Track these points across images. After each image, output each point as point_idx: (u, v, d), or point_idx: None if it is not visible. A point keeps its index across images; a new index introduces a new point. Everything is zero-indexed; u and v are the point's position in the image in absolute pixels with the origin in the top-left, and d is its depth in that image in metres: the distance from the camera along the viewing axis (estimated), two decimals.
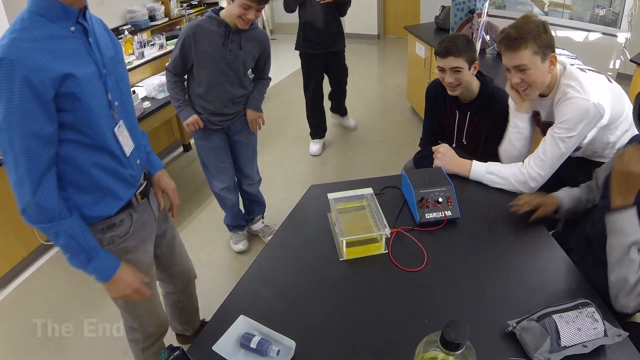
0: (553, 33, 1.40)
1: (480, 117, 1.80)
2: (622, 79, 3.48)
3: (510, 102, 1.60)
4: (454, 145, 1.94)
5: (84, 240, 1.07)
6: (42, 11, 0.96)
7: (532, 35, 1.31)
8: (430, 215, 1.33)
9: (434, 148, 1.65)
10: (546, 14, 3.72)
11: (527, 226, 1.32)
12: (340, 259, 1.23)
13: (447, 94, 1.83)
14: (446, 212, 1.33)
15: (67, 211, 1.04)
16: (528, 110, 1.55)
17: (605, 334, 0.92)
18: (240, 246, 2.47)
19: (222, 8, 1.90)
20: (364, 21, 6.28)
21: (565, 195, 1.39)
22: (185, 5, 4.73)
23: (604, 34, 3.28)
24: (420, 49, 3.48)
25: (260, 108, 2.15)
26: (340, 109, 3.72)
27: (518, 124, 1.57)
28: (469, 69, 1.66)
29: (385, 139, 3.62)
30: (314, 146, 3.44)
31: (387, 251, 1.24)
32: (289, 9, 2.99)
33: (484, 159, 1.60)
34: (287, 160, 3.39)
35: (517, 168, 1.48)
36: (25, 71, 0.89)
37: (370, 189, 1.40)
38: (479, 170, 1.52)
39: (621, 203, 1.05)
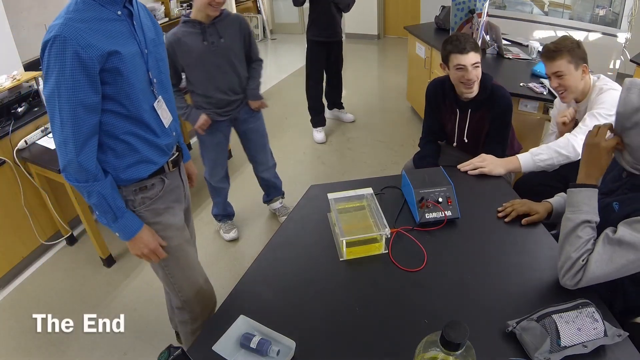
0: (553, 33, 1.49)
1: (480, 115, 1.81)
2: (622, 79, 3.47)
3: (552, 130, 1.88)
4: (454, 144, 1.94)
5: (113, 202, 1.20)
6: None
7: (567, 48, 1.60)
8: (430, 215, 1.33)
9: (472, 163, 1.63)
10: (546, 13, 3.72)
11: (527, 227, 1.32)
12: (340, 259, 1.23)
13: (448, 93, 1.83)
14: (446, 212, 1.33)
15: (102, 174, 1.17)
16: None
17: (605, 334, 0.92)
18: (232, 234, 2.53)
19: (189, 14, 2.01)
20: (364, 21, 6.27)
21: (560, 200, 1.40)
22: (185, 5, 4.73)
23: (604, 34, 3.28)
24: (420, 49, 3.48)
25: (259, 95, 2.21)
26: (337, 101, 3.82)
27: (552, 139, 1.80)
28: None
29: (385, 139, 3.62)
30: (319, 134, 3.62)
31: (387, 251, 1.24)
32: (298, 2, 3.20)
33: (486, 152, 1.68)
34: (287, 161, 3.38)
35: (559, 139, 1.63)
36: (76, 47, 1.02)
37: (370, 189, 1.40)
38: (526, 158, 1.62)
39: (583, 181, 1.09)
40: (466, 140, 1.89)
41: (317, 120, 3.60)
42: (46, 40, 1.03)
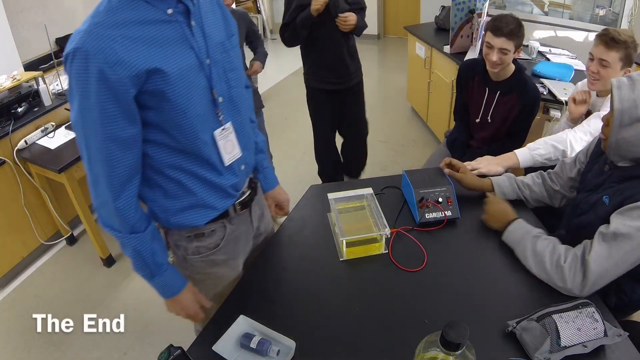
0: (553, 33, 1.48)
1: (508, 99, 1.86)
2: None
3: (567, 112, 1.83)
4: (477, 120, 1.99)
5: (151, 258, 0.97)
6: None
7: (627, 45, 1.56)
8: (430, 215, 1.33)
9: (470, 164, 1.61)
10: (546, 13, 3.71)
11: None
12: (340, 259, 1.23)
13: (478, 71, 1.92)
14: (446, 212, 1.33)
15: (141, 224, 0.94)
16: (577, 123, 1.73)
17: (605, 334, 0.92)
18: None
19: None
20: None
21: (504, 179, 1.42)
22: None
23: None
24: (420, 49, 3.48)
25: (264, 62, 2.29)
26: (352, 171, 2.75)
27: (565, 127, 1.76)
28: (514, 52, 1.76)
29: (385, 139, 3.62)
30: None
31: (387, 251, 1.24)
32: (294, 40, 2.18)
33: (499, 147, 1.79)
34: (287, 160, 3.38)
35: (557, 134, 1.62)
36: (101, 65, 0.77)
37: (370, 189, 1.40)
38: (524, 153, 1.61)
39: (502, 226, 1.22)
40: (489, 120, 1.94)
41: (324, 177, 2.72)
42: (66, 54, 0.79)
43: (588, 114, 1.75)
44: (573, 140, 1.57)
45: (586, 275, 1.02)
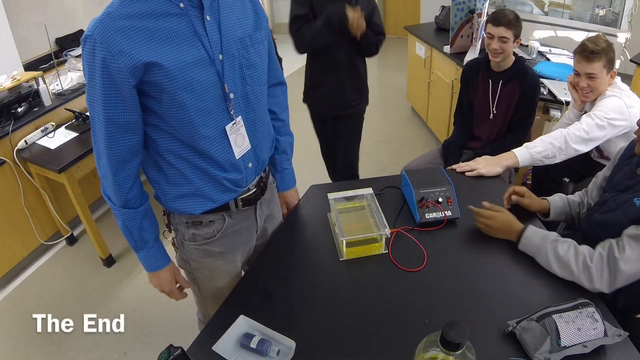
0: (553, 33, 1.50)
1: (510, 87, 1.94)
2: (622, 79, 3.46)
3: (571, 100, 1.88)
4: (484, 114, 2.04)
5: (138, 234, 1.04)
6: None
7: (605, 51, 1.60)
8: (430, 215, 1.33)
9: (468, 164, 1.62)
10: (546, 13, 3.71)
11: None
12: (340, 259, 1.23)
13: (482, 67, 2.02)
14: (446, 212, 1.33)
15: (135, 202, 1.00)
16: (582, 110, 1.80)
17: (605, 334, 0.92)
18: None
19: None
20: None
21: (556, 198, 1.40)
22: None
23: (604, 34, 3.28)
24: (420, 49, 3.48)
25: None
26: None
27: (571, 117, 1.82)
28: (513, 42, 1.88)
29: (385, 139, 3.62)
30: None
31: (387, 251, 1.24)
32: (303, 47, 2.02)
33: (497, 147, 1.82)
34: None
35: (553, 132, 1.66)
36: (104, 54, 0.81)
37: (370, 189, 1.40)
38: (522, 152, 1.63)
39: (517, 234, 1.19)
40: (495, 112, 2.01)
41: None
42: (81, 40, 0.85)
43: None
44: (567, 137, 1.60)
45: (614, 275, 1.03)
